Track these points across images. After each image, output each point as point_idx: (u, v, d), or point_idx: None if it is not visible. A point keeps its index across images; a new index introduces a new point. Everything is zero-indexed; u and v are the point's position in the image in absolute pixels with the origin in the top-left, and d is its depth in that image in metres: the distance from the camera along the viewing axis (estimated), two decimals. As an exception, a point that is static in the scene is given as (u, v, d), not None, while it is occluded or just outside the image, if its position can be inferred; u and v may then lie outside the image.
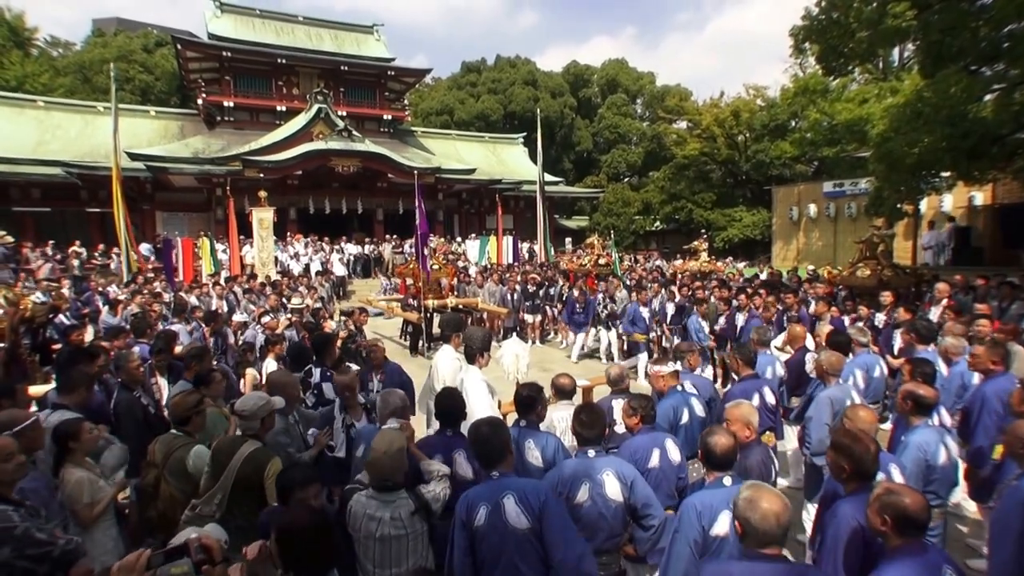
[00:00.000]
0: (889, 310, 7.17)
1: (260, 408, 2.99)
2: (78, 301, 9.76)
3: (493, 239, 20.44)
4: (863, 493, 2.31)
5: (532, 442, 3.06)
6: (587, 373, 6.73)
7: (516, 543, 2.24)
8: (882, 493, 2.01)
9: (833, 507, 2.43)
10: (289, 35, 24.81)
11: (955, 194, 16.18)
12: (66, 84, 30.62)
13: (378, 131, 25.08)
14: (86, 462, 3.07)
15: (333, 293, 14.70)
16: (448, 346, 4.54)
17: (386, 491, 2.46)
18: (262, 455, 2.87)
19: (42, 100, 22.49)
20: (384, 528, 2.42)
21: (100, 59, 30.91)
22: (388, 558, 2.44)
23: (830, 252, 20.72)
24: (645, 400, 3.29)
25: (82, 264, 16.39)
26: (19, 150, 19.30)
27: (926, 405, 3.25)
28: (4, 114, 20.71)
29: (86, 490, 2.92)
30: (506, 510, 2.28)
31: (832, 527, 2.34)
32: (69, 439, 2.96)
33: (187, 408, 3.29)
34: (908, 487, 2.11)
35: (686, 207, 29.91)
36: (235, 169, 18.86)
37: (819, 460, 3.78)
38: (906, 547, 1.94)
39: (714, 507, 2.36)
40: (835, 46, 10.91)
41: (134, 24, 44.82)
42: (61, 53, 37.13)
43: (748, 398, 4.01)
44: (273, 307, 8.64)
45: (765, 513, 1.88)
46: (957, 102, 8.59)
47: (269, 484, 2.74)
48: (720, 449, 2.50)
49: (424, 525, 2.53)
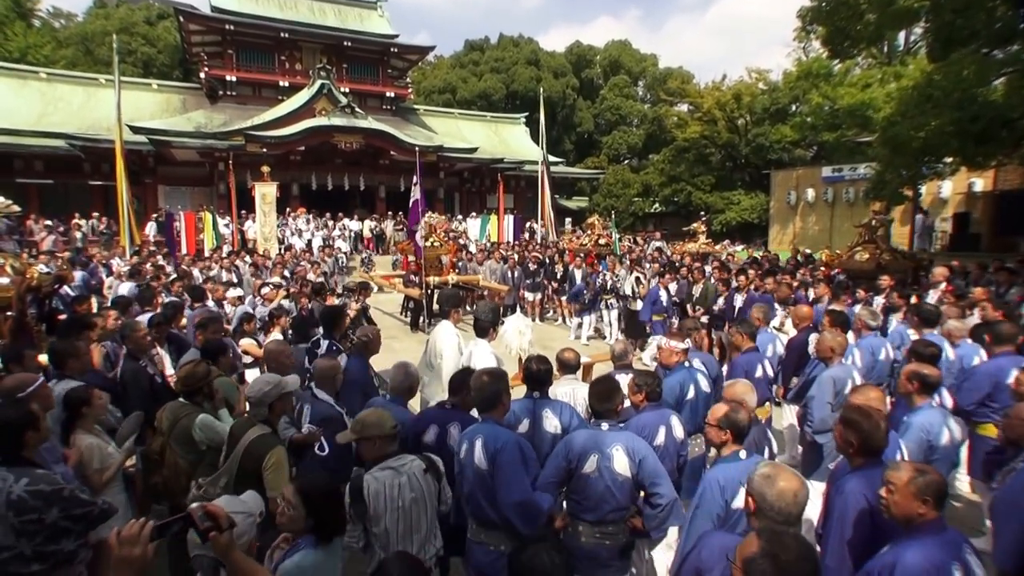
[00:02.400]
0: (887, 294, 7.27)
1: (267, 394, 2.85)
2: (87, 273, 9.81)
3: (494, 218, 20.43)
4: (870, 469, 2.32)
5: (549, 411, 3.12)
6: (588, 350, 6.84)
7: (479, 479, 2.59)
8: (915, 475, 1.97)
9: (839, 483, 2.41)
10: (292, 9, 24.38)
11: (955, 180, 16.21)
12: (68, 56, 30.23)
13: (380, 108, 24.83)
14: (95, 429, 3.12)
15: (336, 269, 14.75)
16: (447, 321, 4.53)
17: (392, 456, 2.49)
18: (263, 444, 2.74)
19: (44, 72, 22.22)
20: (405, 494, 2.43)
21: (102, 31, 30.45)
22: (409, 525, 2.44)
23: (826, 236, 20.80)
24: (651, 377, 3.31)
25: (84, 236, 16.42)
26: (22, 122, 19.15)
27: (931, 385, 3.25)
28: (8, 85, 20.53)
29: (96, 456, 2.97)
30: (475, 450, 2.61)
31: (839, 502, 2.33)
32: (83, 404, 3.01)
33: (197, 379, 3.30)
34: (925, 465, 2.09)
35: (685, 189, 29.84)
36: (237, 144, 18.71)
37: (820, 438, 3.81)
38: (927, 525, 1.93)
39: (735, 480, 2.38)
40: (842, 28, 10.83)
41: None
42: (63, 24, 36.54)
43: (753, 369, 4.09)
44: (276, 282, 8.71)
45: (782, 491, 1.87)
46: (968, 85, 8.54)
47: (268, 475, 2.66)
48: (742, 422, 2.55)
49: (436, 486, 2.58)
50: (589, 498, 2.68)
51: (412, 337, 10.25)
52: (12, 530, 2.21)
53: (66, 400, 3.01)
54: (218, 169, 19.44)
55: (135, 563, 1.39)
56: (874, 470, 2.32)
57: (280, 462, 2.70)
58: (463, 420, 3.06)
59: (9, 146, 18.16)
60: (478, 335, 4.14)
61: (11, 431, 2.32)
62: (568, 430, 3.04)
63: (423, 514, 2.50)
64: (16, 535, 2.22)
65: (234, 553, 1.71)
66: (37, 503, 2.23)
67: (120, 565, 1.39)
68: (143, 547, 1.41)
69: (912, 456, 2.94)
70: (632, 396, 3.29)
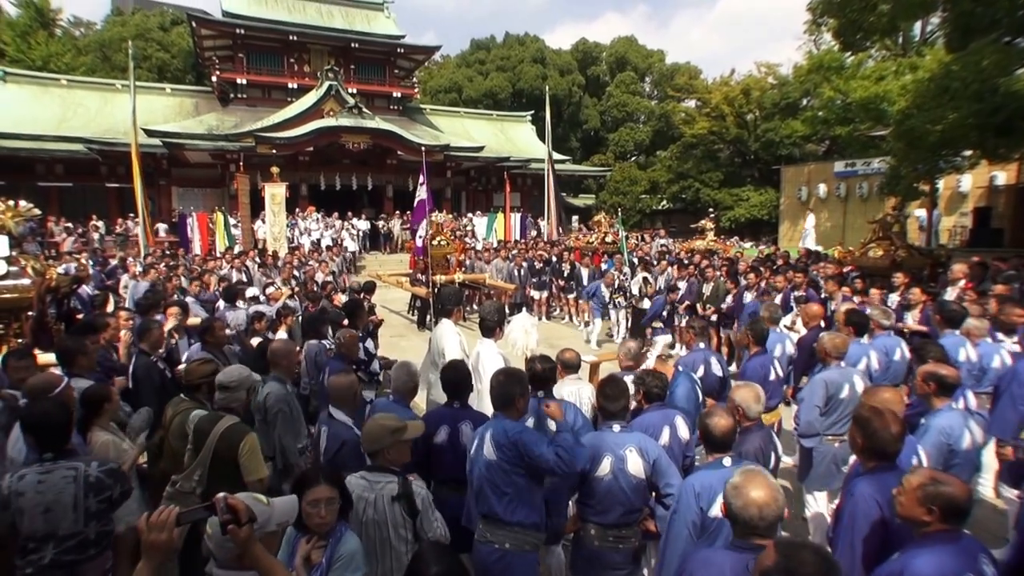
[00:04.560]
0: (902, 291, 7.11)
1: (245, 379, 2.93)
2: (102, 273, 9.96)
3: (500, 216, 20.41)
4: (882, 473, 2.25)
5: None
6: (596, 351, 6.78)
7: (487, 471, 2.57)
8: (926, 482, 1.89)
9: (850, 486, 2.34)
10: (300, 12, 24.65)
11: (975, 174, 15.87)
12: (87, 63, 30.96)
13: (387, 108, 24.93)
14: (110, 426, 3.18)
15: (344, 268, 14.84)
16: (448, 320, 4.47)
17: (376, 471, 2.37)
18: (236, 433, 2.80)
19: (65, 78, 22.84)
20: (368, 511, 2.30)
21: (119, 38, 31.19)
22: (373, 548, 2.28)
23: (839, 233, 20.50)
24: (652, 376, 3.26)
25: (102, 237, 16.70)
26: (44, 127, 19.65)
27: (949, 386, 3.10)
28: (31, 93, 21.17)
29: (112, 452, 3.03)
30: (484, 443, 2.59)
31: (849, 506, 2.26)
32: (104, 401, 3.08)
33: (200, 376, 3.35)
34: (952, 476, 1.98)
35: (693, 186, 29.58)
36: (248, 145, 18.92)
37: (806, 442, 3.76)
38: (942, 533, 1.85)
39: (713, 488, 2.31)
40: (854, 20, 10.65)
41: (151, 3, 44.72)
42: (83, 33, 37.52)
43: (765, 372, 4.02)
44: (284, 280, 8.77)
45: (748, 502, 1.80)
46: (988, 76, 8.31)
47: (244, 461, 2.71)
48: (719, 430, 2.46)
49: (406, 519, 2.32)
50: (602, 501, 2.66)
51: (419, 335, 10.26)
52: (85, 514, 2.38)
53: (84, 398, 3.06)
54: (230, 170, 19.66)
55: (162, 547, 1.53)
56: (887, 474, 2.25)
57: (254, 447, 2.80)
58: (475, 418, 3.05)
59: (33, 151, 18.68)
60: (484, 334, 4.09)
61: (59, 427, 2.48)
62: (572, 429, 2.99)
63: (386, 543, 2.30)
64: (87, 519, 2.39)
65: (254, 547, 1.69)
66: (110, 481, 2.46)
67: (150, 548, 1.54)
68: (169, 532, 1.53)
69: (932, 460, 2.83)
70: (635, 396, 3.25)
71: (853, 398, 3.63)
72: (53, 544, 2.32)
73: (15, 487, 2.33)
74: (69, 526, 2.34)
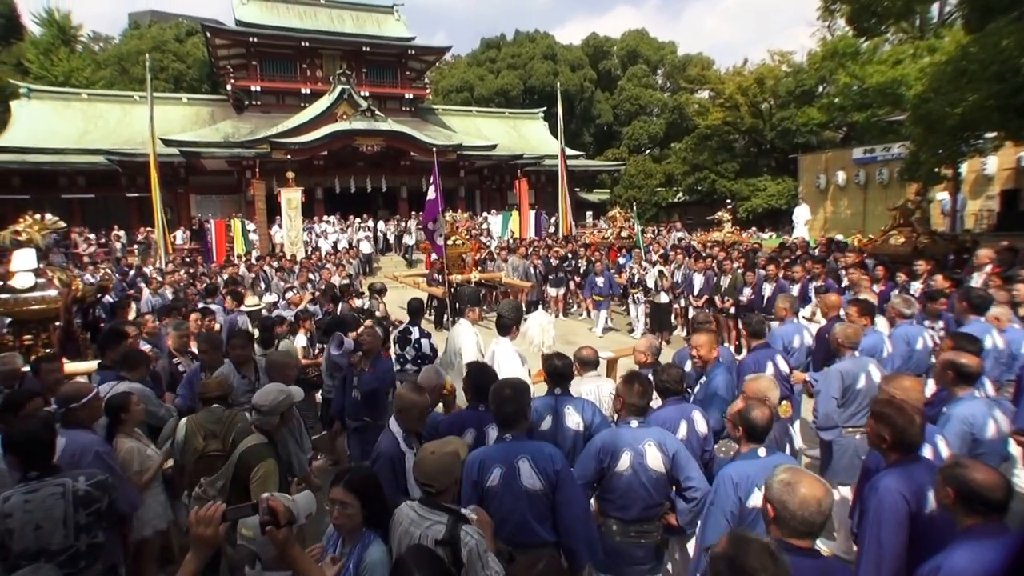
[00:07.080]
0: (925, 278, 6.97)
1: (280, 403, 2.81)
2: (123, 282, 10.22)
3: (515, 214, 20.42)
4: (907, 465, 2.21)
5: (571, 407, 3.10)
6: (611, 346, 6.79)
7: (529, 502, 2.40)
8: (949, 464, 1.86)
9: (873, 480, 2.28)
10: (312, 18, 24.91)
11: (1001, 155, 15.41)
12: (106, 76, 31.75)
13: (400, 110, 25.08)
14: (135, 433, 3.27)
15: (360, 270, 15.00)
16: (465, 320, 4.51)
17: (428, 506, 2.06)
18: (255, 456, 2.71)
19: (86, 92, 23.55)
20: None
21: (136, 50, 31.96)
22: None
23: (859, 220, 20.08)
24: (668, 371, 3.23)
25: (123, 247, 17.13)
26: (67, 140, 20.23)
27: (968, 375, 3.01)
28: (54, 107, 21.83)
29: (136, 459, 3.13)
30: (521, 472, 2.41)
31: (873, 501, 2.20)
32: (121, 411, 3.15)
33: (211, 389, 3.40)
34: (980, 463, 1.90)
35: (709, 178, 29.22)
36: (263, 151, 19.19)
37: (826, 435, 3.71)
38: (980, 528, 1.77)
39: (751, 478, 2.29)
40: (868, 5, 10.43)
41: (167, 15, 45.50)
42: (102, 47, 38.61)
43: (762, 367, 3.93)
44: (302, 284, 8.91)
45: (805, 498, 1.74)
46: (1008, 56, 8.10)
47: (254, 486, 2.61)
48: (762, 421, 2.43)
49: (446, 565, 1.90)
50: (623, 496, 2.67)
51: (437, 335, 10.31)
52: (75, 528, 2.40)
53: (106, 407, 3.16)
54: (246, 177, 19.98)
55: (209, 540, 1.62)
56: (912, 466, 2.21)
57: (268, 474, 2.66)
58: None
59: (55, 164, 19.22)
60: (501, 333, 4.10)
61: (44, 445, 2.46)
62: (590, 427, 3.03)
63: None
64: (76, 533, 2.40)
65: (293, 549, 1.75)
66: (99, 493, 2.47)
67: (197, 542, 1.63)
68: (215, 527, 1.61)
69: (954, 450, 2.77)
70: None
71: (870, 388, 3.58)
72: (45, 559, 2.31)
73: (2, 508, 2.31)
74: (60, 541, 2.36)
